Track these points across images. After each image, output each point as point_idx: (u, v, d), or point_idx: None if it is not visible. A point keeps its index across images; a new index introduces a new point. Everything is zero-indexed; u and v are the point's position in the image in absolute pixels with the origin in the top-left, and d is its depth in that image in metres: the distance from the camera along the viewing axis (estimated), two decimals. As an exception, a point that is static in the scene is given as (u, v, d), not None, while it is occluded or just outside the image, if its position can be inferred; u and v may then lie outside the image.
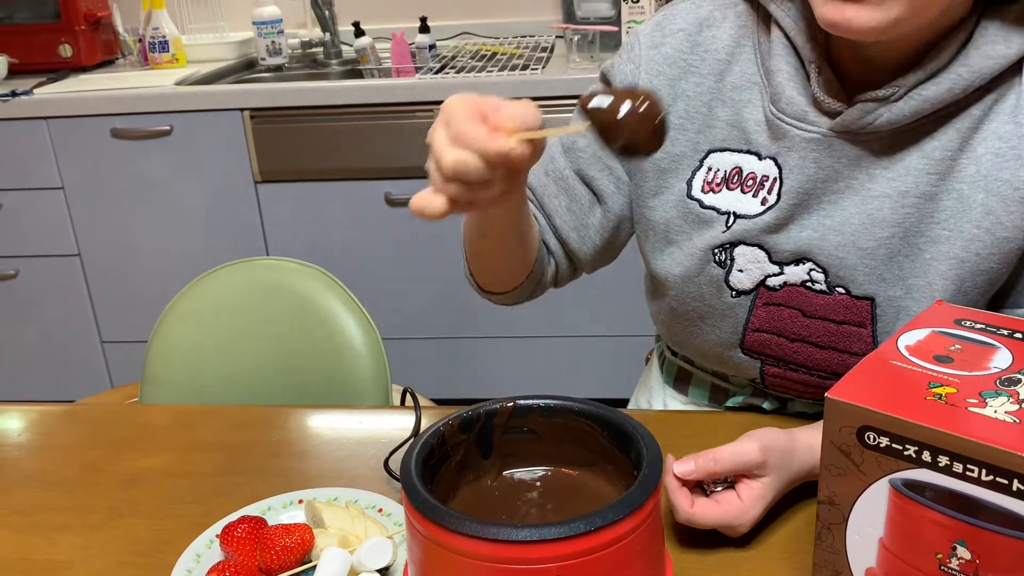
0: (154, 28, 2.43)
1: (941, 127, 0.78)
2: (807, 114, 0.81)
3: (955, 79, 0.75)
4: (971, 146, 0.78)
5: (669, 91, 0.89)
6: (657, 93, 0.64)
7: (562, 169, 0.94)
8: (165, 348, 1.29)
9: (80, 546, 0.81)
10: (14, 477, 0.93)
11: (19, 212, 2.29)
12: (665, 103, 0.61)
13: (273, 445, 0.96)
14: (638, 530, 0.53)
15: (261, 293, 1.31)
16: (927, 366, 0.60)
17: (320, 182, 2.18)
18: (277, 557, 0.73)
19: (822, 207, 0.82)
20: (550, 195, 0.94)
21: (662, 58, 0.89)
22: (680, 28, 0.89)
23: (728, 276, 0.87)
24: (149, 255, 2.30)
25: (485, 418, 0.64)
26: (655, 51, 0.89)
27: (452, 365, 2.34)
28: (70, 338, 2.41)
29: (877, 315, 0.82)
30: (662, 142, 0.63)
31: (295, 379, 1.28)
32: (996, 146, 0.77)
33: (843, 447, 0.59)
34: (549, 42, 2.43)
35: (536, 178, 0.95)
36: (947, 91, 0.76)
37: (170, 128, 2.16)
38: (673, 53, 0.89)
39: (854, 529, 0.61)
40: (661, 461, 0.56)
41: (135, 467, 0.93)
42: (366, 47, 2.39)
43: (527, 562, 0.50)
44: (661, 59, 0.89)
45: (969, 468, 0.53)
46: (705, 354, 0.94)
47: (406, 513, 0.55)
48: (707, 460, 0.72)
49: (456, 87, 2.04)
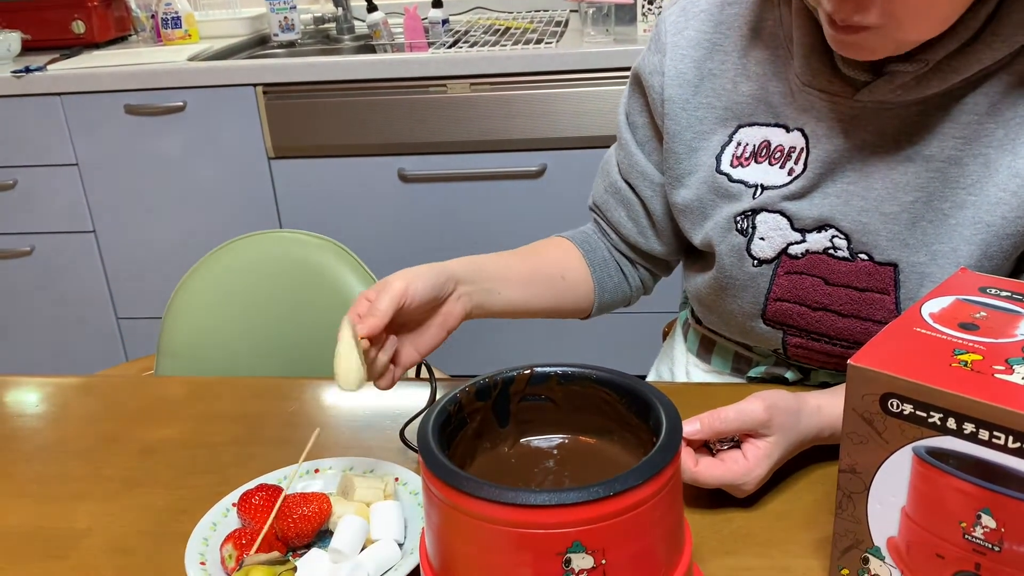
0: (166, 4, 2.42)
1: (969, 92, 0.77)
2: (832, 84, 0.80)
3: (985, 50, 0.74)
4: (999, 110, 0.77)
5: (695, 73, 0.90)
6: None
7: (616, 182, 1.00)
8: (180, 320, 1.29)
9: (98, 515, 0.82)
10: (32, 448, 0.94)
11: (34, 189, 2.30)
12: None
13: (289, 415, 0.96)
14: (657, 496, 0.52)
15: (275, 265, 1.31)
16: (952, 333, 0.59)
17: (333, 158, 2.17)
18: (294, 525, 0.73)
19: (847, 174, 0.82)
20: (611, 208, 1.01)
21: (686, 41, 0.91)
22: (702, 9, 0.91)
23: (750, 245, 0.86)
24: (164, 231, 2.31)
25: (502, 385, 0.64)
26: (679, 36, 0.91)
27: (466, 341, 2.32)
28: (86, 314, 2.42)
29: (900, 281, 0.81)
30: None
31: (310, 351, 1.28)
32: None
33: (866, 415, 0.58)
34: (563, 16, 2.41)
35: (599, 196, 1.03)
36: (977, 61, 0.75)
37: (183, 104, 2.16)
38: (697, 35, 0.90)
39: (876, 498, 0.60)
40: (680, 428, 0.56)
41: (151, 437, 0.93)
42: (379, 22, 2.38)
43: (546, 527, 0.50)
44: (685, 43, 0.91)
45: (995, 435, 0.52)
46: (728, 324, 0.94)
47: (423, 478, 0.55)
48: (712, 419, 0.72)
49: (470, 61, 2.02)
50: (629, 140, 0.98)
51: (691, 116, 0.90)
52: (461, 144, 2.11)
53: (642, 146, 0.97)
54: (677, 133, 0.91)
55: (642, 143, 0.97)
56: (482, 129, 2.09)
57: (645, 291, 1.07)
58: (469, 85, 2.05)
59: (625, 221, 1.00)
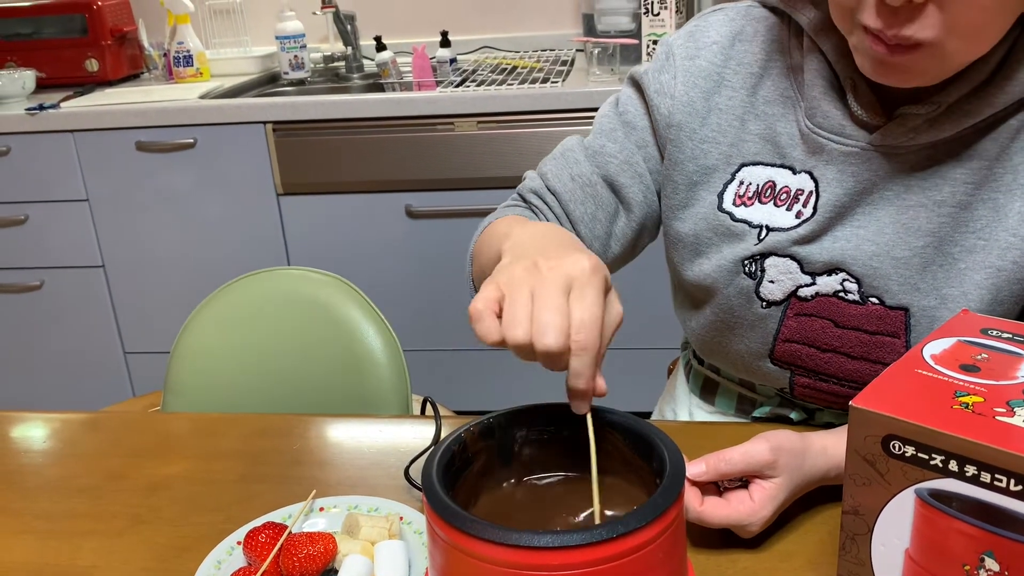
0: (179, 43, 2.46)
1: (979, 137, 0.78)
2: (844, 128, 0.80)
3: (997, 94, 0.75)
4: (1008, 155, 0.78)
5: (704, 104, 0.89)
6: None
7: (588, 175, 0.92)
8: (187, 357, 1.30)
9: (102, 552, 0.82)
10: (37, 484, 0.94)
11: (44, 224, 2.32)
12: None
13: (294, 453, 0.96)
14: (660, 538, 0.52)
15: (283, 303, 1.32)
16: (953, 375, 0.60)
17: (342, 195, 2.19)
18: (300, 564, 0.73)
19: (856, 218, 0.82)
20: (576, 201, 0.92)
21: (697, 70, 0.89)
22: (714, 41, 0.89)
23: (759, 287, 0.86)
24: (172, 267, 2.32)
25: (506, 424, 0.64)
26: (690, 62, 0.89)
27: (473, 377, 2.34)
28: (93, 349, 2.43)
29: (911, 325, 0.81)
30: None
31: (316, 388, 1.28)
32: None
33: (868, 456, 0.58)
34: (569, 56, 2.44)
35: (561, 183, 0.93)
36: (989, 105, 0.75)
37: (194, 141, 2.19)
38: (708, 66, 0.89)
39: (879, 540, 0.60)
40: (684, 469, 0.56)
41: (157, 474, 0.94)
42: (387, 61, 2.41)
43: (549, 568, 0.50)
44: (696, 71, 0.89)
45: (997, 478, 0.53)
46: (734, 363, 0.94)
47: (427, 519, 0.55)
48: (718, 461, 0.72)
49: (477, 100, 2.05)
50: (623, 138, 0.92)
51: (696, 148, 0.89)
52: (468, 181, 2.13)
53: (640, 149, 0.92)
54: (680, 162, 0.90)
55: (640, 146, 0.92)
56: (489, 166, 2.11)
57: None
58: (476, 123, 2.08)
59: (588, 220, 0.92)
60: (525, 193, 0.95)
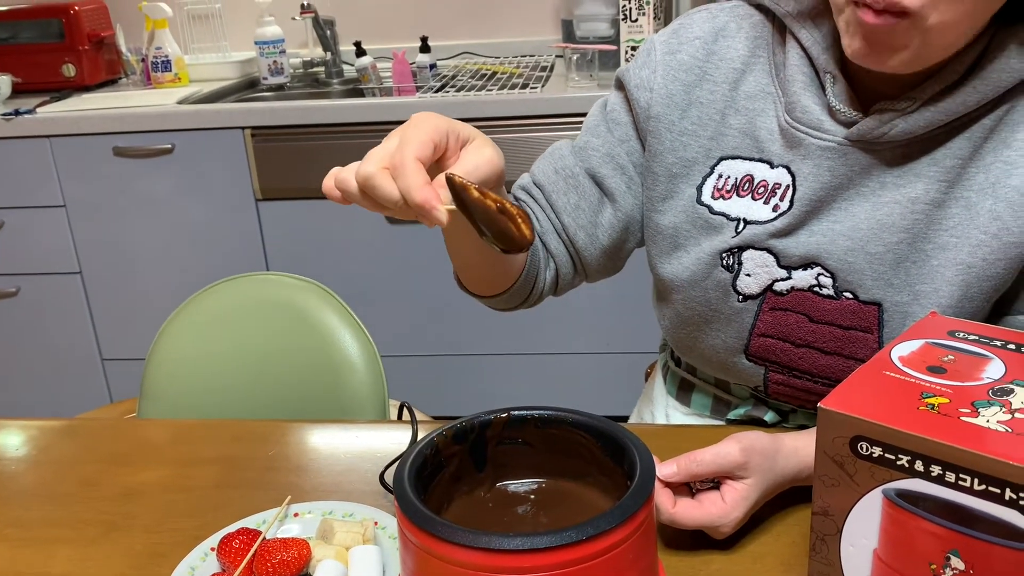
0: (157, 48, 2.45)
1: (953, 136, 0.80)
2: (822, 123, 0.82)
3: (970, 91, 0.77)
4: (980, 155, 0.79)
5: (684, 97, 0.90)
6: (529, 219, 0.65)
7: (572, 167, 0.94)
8: (163, 363, 1.29)
9: (77, 560, 0.81)
10: (11, 491, 0.93)
11: (21, 230, 2.31)
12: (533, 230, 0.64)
13: (270, 459, 0.96)
14: (630, 539, 0.53)
15: (259, 308, 1.32)
16: (920, 376, 0.61)
17: (320, 200, 2.19)
18: (274, 570, 0.73)
19: (832, 213, 0.83)
20: (559, 192, 0.94)
21: (678, 64, 0.91)
22: (696, 36, 0.91)
23: (735, 280, 0.87)
24: (150, 273, 2.31)
25: (479, 429, 0.64)
26: (671, 57, 0.91)
27: (450, 382, 2.34)
28: (71, 356, 2.41)
29: (884, 320, 0.83)
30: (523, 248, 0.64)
31: (293, 394, 1.28)
32: (1006, 154, 0.78)
33: (836, 457, 0.59)
34: (549, 61, 2.45)
35: (545, 176, 0.95)
36: (962, 103, 0.77)
37: (172, 146, 2.18)
38: (689, 60, 0.90)
39: (848, 540, 0.60)
40: (653, 471, 0.56)
41: (132, 481, 0.93)
42: (367, 66, 2.41)
43: (519, 571, 0.50)
44: (677, 65, 0.91)
45: (962, 478, 0.53)
46: (709, 360, 0.95)
47: (399, 523, 0.55)
48: (689, 462, 0.73)
49: (457, 105, 2.05)
50: (605, 132, 0.94)
51: (676, 140, 0.90)
52: (447, 186, 2.13)
53: (622, 143, 0.94)
54: (660, 153, 0.91)
55: (622, 140, 0.94)
56: (468, 172, 2.11)
57: (555, 291, 1.01)
58: (455, 128, 2.08)
59: (572, 210, 0.94)
60: (515, 191, 0.99)
